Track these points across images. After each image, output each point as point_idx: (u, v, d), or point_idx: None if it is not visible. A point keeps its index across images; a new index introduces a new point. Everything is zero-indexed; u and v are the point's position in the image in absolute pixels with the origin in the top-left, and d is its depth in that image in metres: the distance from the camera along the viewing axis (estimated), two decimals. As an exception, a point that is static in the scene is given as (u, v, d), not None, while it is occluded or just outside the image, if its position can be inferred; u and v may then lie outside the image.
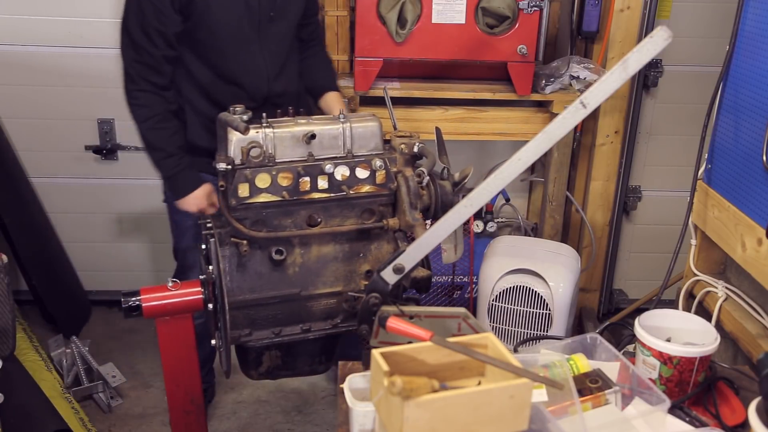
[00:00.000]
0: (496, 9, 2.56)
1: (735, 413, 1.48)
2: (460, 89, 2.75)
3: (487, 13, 2.58)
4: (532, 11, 2.58)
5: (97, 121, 3.18)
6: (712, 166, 2.02)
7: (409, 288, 1.76)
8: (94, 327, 3.30)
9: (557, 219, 3.07)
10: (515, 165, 1.41)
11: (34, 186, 3.24)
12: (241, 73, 2.18)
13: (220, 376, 2.69)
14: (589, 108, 1.35)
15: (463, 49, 2.61)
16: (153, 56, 2.08)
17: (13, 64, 3.07)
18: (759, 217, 1.78)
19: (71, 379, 2.79)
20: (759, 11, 1.80)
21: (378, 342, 1.52)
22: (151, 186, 3.30)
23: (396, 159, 1.82)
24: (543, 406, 1.30)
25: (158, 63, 2.10)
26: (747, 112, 1.84)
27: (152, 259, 3.44)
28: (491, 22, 2.60)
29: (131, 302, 1.83)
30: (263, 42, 2.19)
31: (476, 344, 1.25)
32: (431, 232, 1.49)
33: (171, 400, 1.97)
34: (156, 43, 2.07)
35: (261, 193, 1.72)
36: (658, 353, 1.47)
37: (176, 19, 2.06)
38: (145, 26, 2.05)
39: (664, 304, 1.83)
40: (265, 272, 1.76)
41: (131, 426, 2.72)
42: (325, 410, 2.82)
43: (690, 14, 3.05)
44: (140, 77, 2.10)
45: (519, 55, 2.63)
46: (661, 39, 1.30)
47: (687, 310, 2.06)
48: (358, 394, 1.36)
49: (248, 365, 1.89)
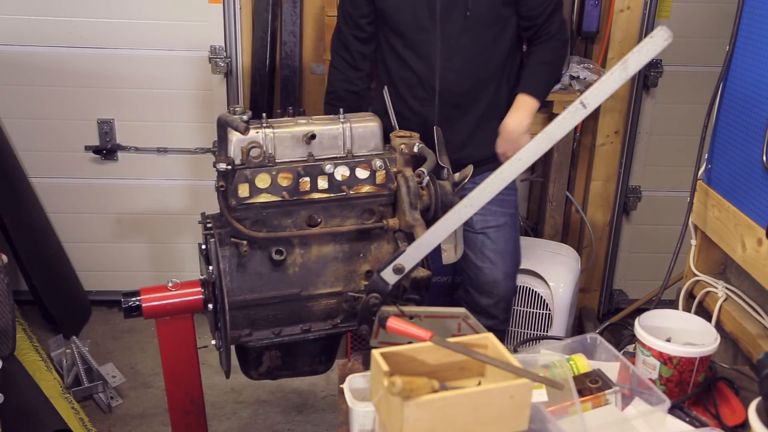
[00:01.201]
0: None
1: (735, 413, 1.48)
2: (460, 89, 2.74)
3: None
4: (532, 11, 2.57)
5: (97, 122, 3.18)
6: (712, 166, 2.02)
7: (409, 288, 1.76)
8: (94, 327, 3.30)
9: (557, 219, 3.07)
10: (515, 165, 1.41)
11: (34, 186, 3.24)
12: (414, 59, 2.23)
13: (221, 376, 2.69)
14: (589, 108, 1.35)
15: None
16: (343, 33, 2.32)
17: (13, 64, 3.07)
18: (759, 217, 1.78)
19: (71, 379, 2.79)
20: (759, 11, 1.80)
21: (378, 342, 1.52)
22: (151, 186, 3.31)
23: (396, 159, 1.82)
24: (543, 406, 1.30)
25: (347, 40, 2.31)
26: (747, 112, 1.84)
27: (152, 259, 3.44)
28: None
29: (131, 302, 1.83)
30: (443, 32, 2.18)
31: (476, 344, 1.25)
32: (431, 232, 1.49)
33: (171, 400, 1.97)
34: (347, 22, 2.29)
35: (261, 193, 1.72)
36: (658, 353, 1.47)
37: (362, 4, 2.24)
38: (343, 6, 2.31)
39: (664, 304, 1.83)
40: (265, 272, 1.76)
41: (131, 426, 2.72)
42: (325, 410, 2.82)
43: (690, 14, 3.05)
44: (334, 51, 2.38)
45: (519, 55, 2.62)
46: (661, 39, 1.30)
47: (687, 311, 2.06)
48: (358, 394, 1.36)
49: (248, 365, 1.89)
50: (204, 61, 3.09)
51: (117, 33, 3.06)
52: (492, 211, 2.31)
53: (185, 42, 3.08)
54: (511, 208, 2.39)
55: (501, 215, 2.34)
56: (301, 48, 3.09)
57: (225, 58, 3.07)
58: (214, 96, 3.16)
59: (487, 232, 2.35)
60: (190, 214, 3.18)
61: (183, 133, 3.22)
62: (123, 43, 3.08)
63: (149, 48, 3.09)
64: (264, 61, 3.03)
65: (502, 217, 2.35)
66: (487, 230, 2.35)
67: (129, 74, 3.12)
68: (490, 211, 2.30)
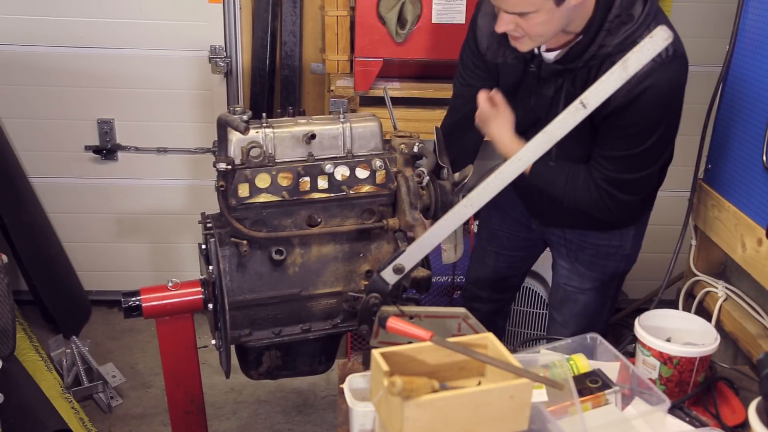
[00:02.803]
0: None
1: (735, 413, 1.48)
2: (460, 89, 2.74)
3: (487, 13, 2.57)
4: (532, 11, 2.57)
5: (97, 121, 3.18)
6: (712, 166, 2.02)
7: (409, 288, 1.76)
8: (94, 327, 3.30)
9: (557, 219, 3.06)
10: (515, 165, 1.41)
11: (34, 186, 3.24)
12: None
13: (221, 376, 2.69)
14: (589, 108, 1.35)
15: (463, 49, 2.60)
16: (457, 78, 2.06)
17: (13, 64, 3.07)
18: (759, 217, 1.78)
19: (71, 379, 2.79)
20: (759, 11, 1.81)
21: (378, 342, 1.52)
22: (151, 186, 3.31)
23: (396, 159, 1.82)
24: (543, 406, 1.30)
25: (455, 85, 2.07)
26: (747, 112, 1.84)
27: (152, 259, 3.44)
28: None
29: (131, 302, 1.83)
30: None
31: (476, 344, 1.25)
32: (431, 232, 1.49)
33: (171, 400, 1.97)
34: (460, 69, 2.03)
35: (261, 193, 1.72)
36: (658, 353, 1.47)
37: (475, 65, 1.95)
38: (462, 50, 2.02)
39: (664, 304, 1.83)
40: (265, 272, 1.76)
41: (131, 426, 2.72)
42: (325, 410, 2.82)
43: (690, 14, 3.05)
44: (454, 86, 2.08)
45: (520, 55, 2.61)
46: (661, 39, 1.30)
47: (687, 310, 2.06)
48: (358, 394, 1.36)
49: (248, 365, 1.89)
50: (204, 61, 3.09)
51: (117, 33, 3.05)
52: (580, 272, 2.05)
53: (185, 42, 3.08)
54: (605, 275, 2.05)
55: (589, 280, 2.05)
56: (301, 48, 3.09)
57: (225, 58, 3.07)
58: (214, 96, 3.15)
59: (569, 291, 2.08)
60: (190, 214, 3.18)
61: (183, 133, 3.22)
62: (123, 43, 3.07)
63: (149, 48, 3.09)
64: (264, 61, 3.03)
65: (589, 281, 2.05)
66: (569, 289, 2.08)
67: (129, 74, 3.12)
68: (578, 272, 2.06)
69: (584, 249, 1.99)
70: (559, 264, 2.08)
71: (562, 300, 2.09)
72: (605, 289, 2.05)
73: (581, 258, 2.00)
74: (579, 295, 2.06)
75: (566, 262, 2.05)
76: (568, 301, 2.08)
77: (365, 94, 2.68)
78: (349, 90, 2.69)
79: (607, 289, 2.05)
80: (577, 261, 2.02)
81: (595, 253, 1.98)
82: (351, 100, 2.67)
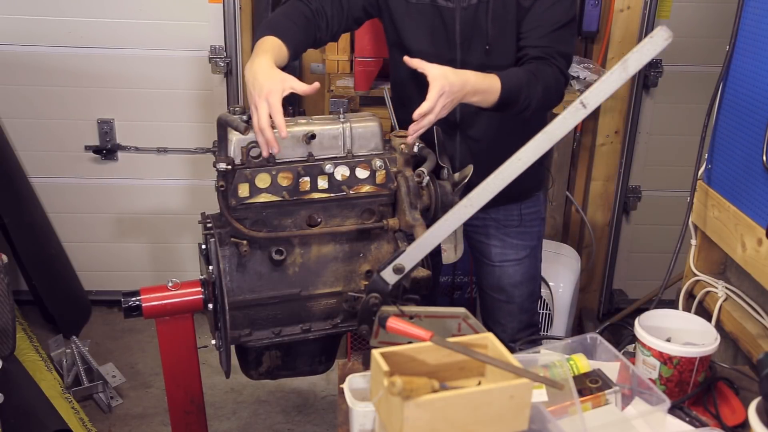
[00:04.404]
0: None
1: (735, 413, 1.48)
2: (460, 89, 2.74)
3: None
4: (532, 11, 2.56)
5: (97, 121, 3.19)
6: (712, 166, 2.02)
7: (409, 288, 1.76)
8: (94, 327, 3.30)
9: (557, 219, 3.07)
10: (515, 165, 1.40)
11: (34, 186, 3.24)
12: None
13: (221, 376, 2.69)
14: (589, 108, 1.35)
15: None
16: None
17: (13, 64, 3.07)
18: (759, 217, 1.78)
19: (71, 379, 2.79)
20: (759, 11, 1.80)
21: (378, 342, 1.52)
22: (151, 186, 3.31)
23: (396, 159, 1.82)
24: (543, 406, 1.30)
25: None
26: (747, 112, 1.84)
27: (152, 259, 3.45)
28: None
29: (131, 302, 1.83)
30: (464, 64, 1.89)
31: (476, 344, 1.25)
32: (431, 232, 1.49)
33: (171, 400, 1.97)
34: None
35: (261, 193, 1.72)
36: (658, 353, 1.47)
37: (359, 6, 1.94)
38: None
39: (664, 304, 1.83)
40: (265, 272, 1.76)
41: (131, 426, 2.72)
42: (325, 410, 2.83)
43: (690, 14, 3.05)
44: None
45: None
46: (661, 39, 1.30)
47: (687, 310, 2.06)
48: (358, 394, 1.36)
49: (248, 365, 1.89)
50: (204, 61, 3.09)
51: (117, 33, 3.06)
52: (513, 245, 2.16)
53: (185, 42, 3.08)
54: (534, 240, 2.20)
55: (522, 249, 2.18)
56: (301, 48, 3.09)
57: (225, 58, 3.07)
58: (214, 96, 3.16)
59: (505, 266, 2.19)
60: (190, 214, 3.18)
61: (183, 133, 3.22)
62: (123, 43, 3.08)
63: (149, 48, 3.09)
64: (264, 61, 3.04)
65: (523, 250, 2.18)
66: (505, 264, 2.19)
67: (129, 74, 3.12)
68: (511, 245, 2.16)
69: (510, 220, 2.14)
70: (490, 246, 2.17)
71: (500, 276, 2.20)
72: (536, 252, 2.23)
73: (510, 232, 2.15)
74: (517, 266, 2.18)
75: (497, 240, 2.16)
76: (508, 275, 2.20)
77: (365, 94, 2.68)
78: (349, 90, 2.69)
79: (537, 251, 2.24)
80: (507, 235, 2.15)
81: (520, 222, 2.15)
82: (351, 100, 2.68)
